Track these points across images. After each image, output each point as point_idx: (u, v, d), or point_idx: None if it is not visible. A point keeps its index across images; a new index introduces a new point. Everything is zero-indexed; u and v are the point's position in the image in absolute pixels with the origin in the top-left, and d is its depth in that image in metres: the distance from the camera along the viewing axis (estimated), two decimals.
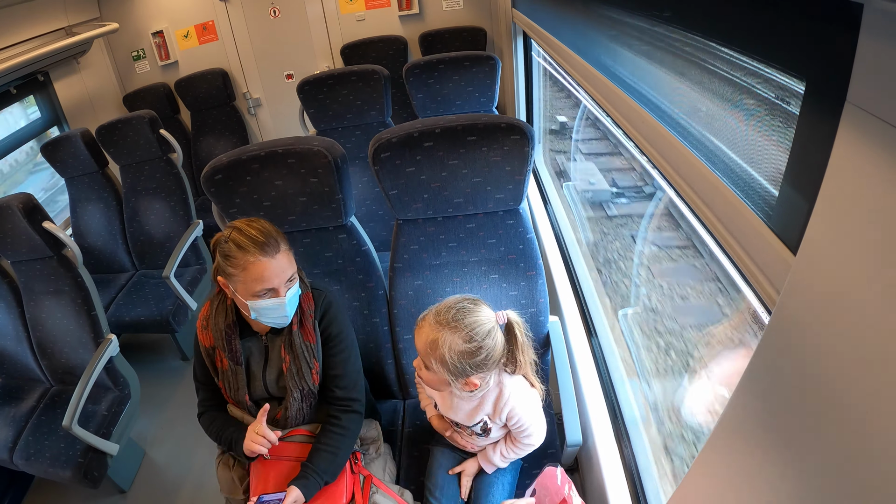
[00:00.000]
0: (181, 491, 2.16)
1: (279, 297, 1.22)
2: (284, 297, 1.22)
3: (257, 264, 1.18)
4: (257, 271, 1.18)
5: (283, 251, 1.22)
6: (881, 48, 0.43)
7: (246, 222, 1.23)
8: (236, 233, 1.20)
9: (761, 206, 0.68)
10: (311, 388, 1.33)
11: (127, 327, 2.66)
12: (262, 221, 1.25)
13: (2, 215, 1.98)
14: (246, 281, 1.19)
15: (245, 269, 1.18)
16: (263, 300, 1.22)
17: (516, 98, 3.22)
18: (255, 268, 1.18)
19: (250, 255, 1.18)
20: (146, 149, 2.81)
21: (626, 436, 1.45)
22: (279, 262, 1.20)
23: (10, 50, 2.63)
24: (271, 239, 1.20)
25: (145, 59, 3.80)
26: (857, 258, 0.46)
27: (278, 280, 1.21)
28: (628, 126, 1.13)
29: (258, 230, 1.20)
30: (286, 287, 1.23)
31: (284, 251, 1.22)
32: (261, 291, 1.20)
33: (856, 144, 0.47)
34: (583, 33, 1.55)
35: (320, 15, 3.66)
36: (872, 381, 0.44)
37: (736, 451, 0.66)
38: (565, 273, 2.08)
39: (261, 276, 1.19)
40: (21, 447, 2.02)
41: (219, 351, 1.32)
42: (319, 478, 1.27)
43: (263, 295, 1.21)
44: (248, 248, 1.18)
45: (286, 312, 1.25)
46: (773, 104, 0.68)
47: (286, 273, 1.22)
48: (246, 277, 1.19)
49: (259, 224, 1.23)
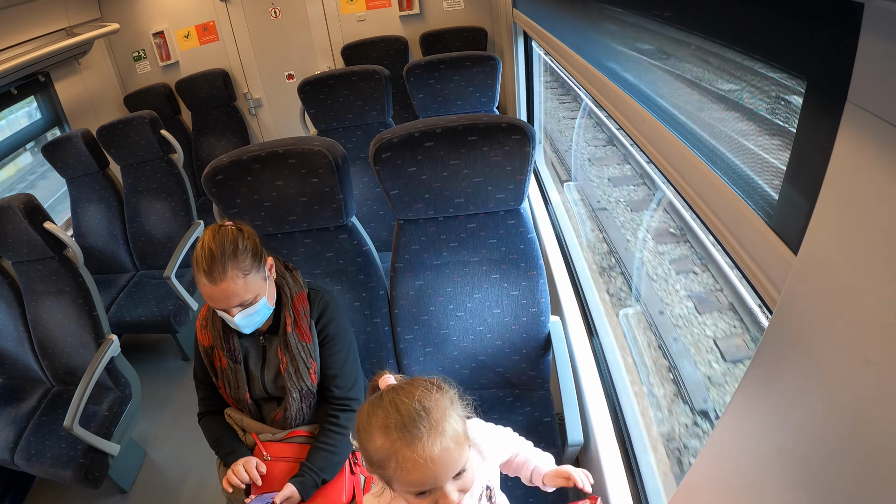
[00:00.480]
0: (182, 491, 2.16)
1: (229, 315, 1.21)
2: (234, 317, 1.20)
3: (204, 286, 1.17)
4: (204, 291, 1.18)
5: (229, 279, 1.15)
6: (881, 48, 0.43)
7: (213, 234, 1.18)
8: (199, 245, 1.17)
9: (762, 206, 0.68)
10: (309, 388, 1.33)
11: (128, 328, 2.66)
12: (229, 233, 1.19)
13: (3, 216, 1.98)
14: (201, 293, 1.20)
15: (198, 284, 1.18)
16: (219, 311, 1.22)
17: (517, 98, 3.22)
18: (203, 288, 1.17)
19: (198, 274, 1.16)
20: (147, 149, 2.81)
21: (627, 435, 1.45)
22: (222, 290, 1.16)
23: (10, 50, 2.63)
24: (218, 266, 1.14)
25: (146, 59, 3.80)
26: (858, 257, 0.46)
27: (224, 304, 1.18)
28: (629, 126, 1.13)
29: (210, 252, 1.15)
30: (237, 309, 1.20)
31: (233, 279, 1.16)
32: (211, 304, 1.21)
33: (856, 144, 0.47)
34: (583, 33, 1.55)
35: (321, 15, 3.66)
36: (873, 381, 0.44)
37: (737, 451, 0.66)
38: (566, 273, 2.08)
39: (207, 295, 1.18)
40: (22, 447, 2.02)
41: (217, 350, 1.32)
42: (317, 476, 1.27)
43: (214, 306, 1.22)
44: (198, 268, 1.16)
45: (239, 327, 1.24)
46: (774, 104, 0.68)
47: (234, 299, 1.18)
48: (200, 291, 1.19)
49: (220, 241, 1.16)
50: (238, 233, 1.20)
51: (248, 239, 1.21)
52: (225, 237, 1.17)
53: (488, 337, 1.62)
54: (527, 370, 1.64)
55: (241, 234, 1.21)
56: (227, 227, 1.20)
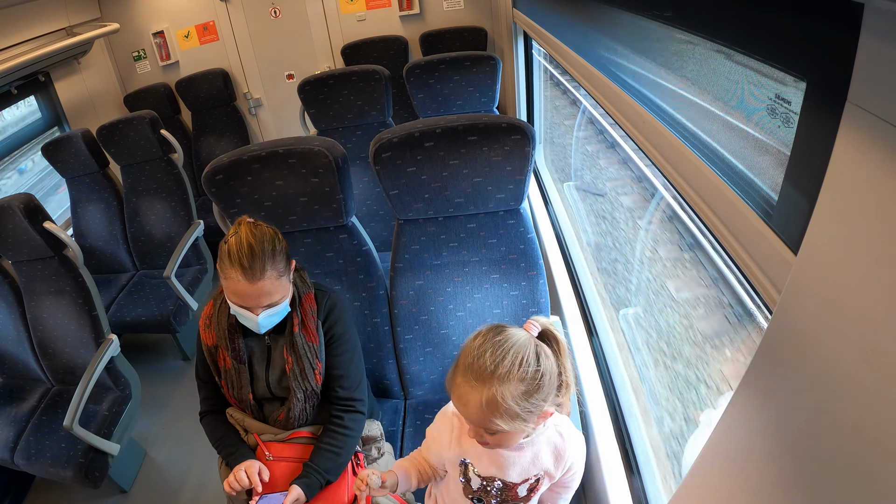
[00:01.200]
0: (182, 491, 2.16)
1: (252, 314, 1.21)
2: (257, 316, 1.21)
3: (237, 282, 1.16)
4: (235, 287, 1.17)
5: (267, 278, 1.16)
6: (881, 48, 0.43)
7: (250, 230, 1.18)
8: (234, 239, 1.17)
9: (762, 206, 0.68)
10: (314, 388, 1.33)
11: (128, 327, 2.66)
12: (267, 233, 1.20)
13: (3, 215, 1.98)
14: (227, 286, 1.20)
15: (227, 279, 1.18)
16: (239, 308, 1.22)
17: (517, 98, 3.22)
18: (234, 284, 1.17)
19: (233, 270, 1.16)
20: (147, 149, 2.81)
21: (626, 435, 1.45)
22: (258, 288, 1.16)
23: (10, 50, 2.63)
24: (258, 263, 1.15)
25: (146, 59, 3.80)
26: (858, 258, 0.46)
27: (254, 302, 1.19)
28: (629, 126, 1.13)
29: (250, 248, 1.15)
30: (263, 309, 1.21)
31: (270, 278, 1.17)
32: (237, 301, 1.21)
33: (856, 144, 0.47)
34: (583, 33, 1.55)
35: (321, 15, 3.66)
36: (874, 381, 0.44)
37: (737, 451, 0.66)
38: (566, 273, 2.08)
39: (238, 292, 1.18)
40: (22, 447, 2.02)
41: (221, 350, 1.32)
42: (321, 477, 1.27)
43: (239, 304, 1.22)
44: (234, 264, 1.15)
45: (258, 327, 1.25)
46: (774, 104, 0.68)
47: (265, 299, 1.19)
48: (226, 284, 1.19)
49: (258, 238, 1.17)
50: (273, 233, 1.22)
51: (282, 241, 1.23)
52: (264, 235, 1.18)
53: None
54: None
55: (276, 234, 1.22)
56: (263, 226, 1.21)
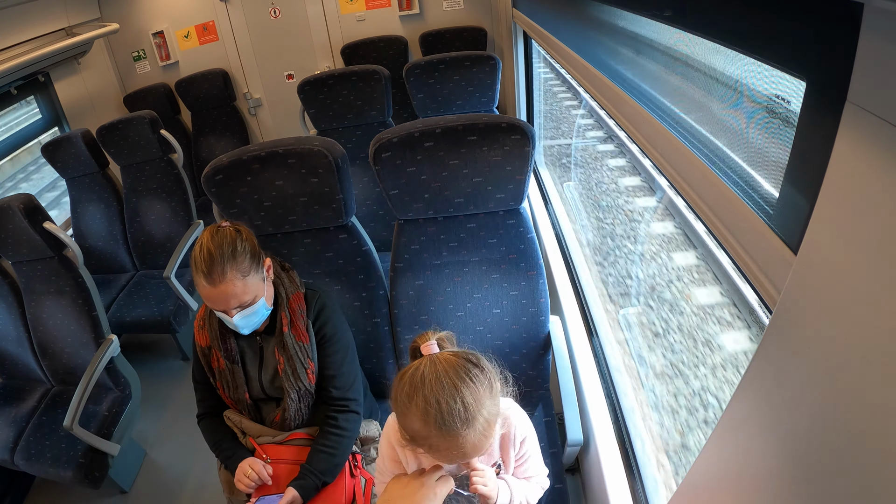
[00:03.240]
0: (182, 491, 2.16)
1: (227, 317, 1.22)
2: (233, 318, 1.21)
3: (203, 288, 1.17)
4: (203, 293, 1.18)
5: (229, 281, 1.16)
6: (881, 48, 0.43)
7: (211, 236, 1.18)
8: (198, 246, 1.17)
9: (762, 206, 0.68)
10: (307, 388, 1.33)
11: (128, 327, 2.66)
12: (228, 234, 1.19)
13: (3, 216, 1.98)
14: (199, 294, 1.20)
15: (196, 286, 1.19)
16: (217, 311, 1.23)
17: (517, 98, 3.22)
18: (201, 290, 1.18)
19: (197, 275, 1.16)
20: (147, 149, 2.81)
21: (626, 435, 1.45)
22: (221, 291, 1.16)
23: (10, 50, 2.63)
24: (217, 267, 1.14)
25: (146, 59, 3.80)
26: (857, 257, 0.46)
27: (223, 305, 1.19)
28: (629, 126, 1.13)
29: (209, 253, 1.15)
30: (236, 311, 1.21)
31: (233, 280, 1.16)
32: (210, 305, 1.22)
33: (856, 144, 0.47)
34: (583, 33, 1.55)
35: (321, 15, 3.66)
36: (874, 381, 0.44)
37: (737, 451, 0.66)
38: (566, 273, 2.08)
39: (206, 297, 1.19)
40: (22, 447, 2.02)
41: (215, 351, 1.32)
42: (317, 478, 1.27)
43: (212, 308, 1.22)
44: (197, 269, 1.16)
45: (238, 328, 1.25)
46: (774, 103, 0.68)
47: (233, 301, 1.18)
48: (198, 292, 1.20)
49: (218, 242, 1.16)
50: (236, 234, 1.20)
51: (247, 240, 1.21)
52: (224, 238, 1.17)
53: (488, 337, 1.61)
54: (527, 370, 1.64)
55: (240, 235, 1.20)
56: (225, 229, 1.20)
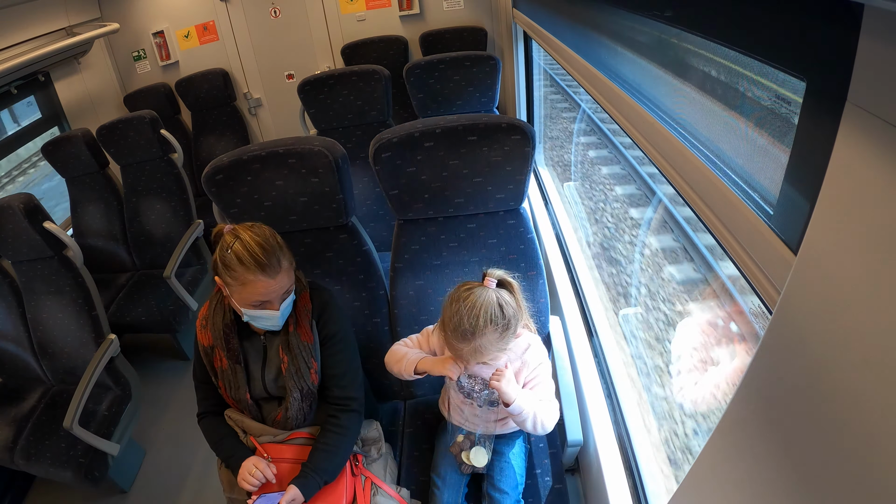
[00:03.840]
0: (182, 491, 2.16)
1: (274, 310, 1.22)
2: (279, 309, 1.22)
3: (258, 283, 1.16)
4: (257, 289, 1.18)
5: (284, 269, 1.19)
6: (881, 48, 0.43)
7: (250, 233, 1.18)
8: (240, 245, 1.16)
9: (762, 206, 0.68)
10: (310, 387, 1.33)
11: (128, 327, 2.66)
12: (265, 231, 1.21)
13: (3, 215, 1.98)
14: (243, 293, 1.19)
15: (244, 285, 1.17)
16: (258, 310, 1.22)
17: (517, 98, 3.22)
18: (255, 286, 1.17)
19: (251, 273, 1.15)
20: (147, 149, 2.81)
21: (626, 435, 1.45)
22: (279, 281, 1.18)
23: (10, 50, 2.63)
24: (274, 258, 1.17)
25: (146, 59, 3.80)
26: (858, 258, 0.46)
27: (276, 296, 1.21)
28: (629, 126, 1.13)
29: (261, 247, 1.16)
30: (282, 300, 1.23)
31: (286, 268, 1.20)
32: (256, 303, 1.21)
33: (856, 144, 0.47)
34: (583, 33, 1.55)
35: (321, 15, 3.66)
36: (874, 381, 0.44)
37: (737, 451, 0.66)
38: (566, 273, 2.08)
39: (260, 293, 1.18)
40: (22, 447, 2.02)
41: (218, 350, 1.32)
42: (319, 477, 1.27)
43: (259, 305, 1.22)
44: (250, 267, 1.15)
45: (278, 322, 1.26)
46: (774, 104, 0.68)
47: (284, 289, 1.21)
48: (244, 290, 1.18)
49: (262, 237, 1.18)
50: (267, 228, 1.24)
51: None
52: (264, 232, 1.20)
53: None
54: None
55: (271, 229, 1.25)
56: (257, 225, 1.23)
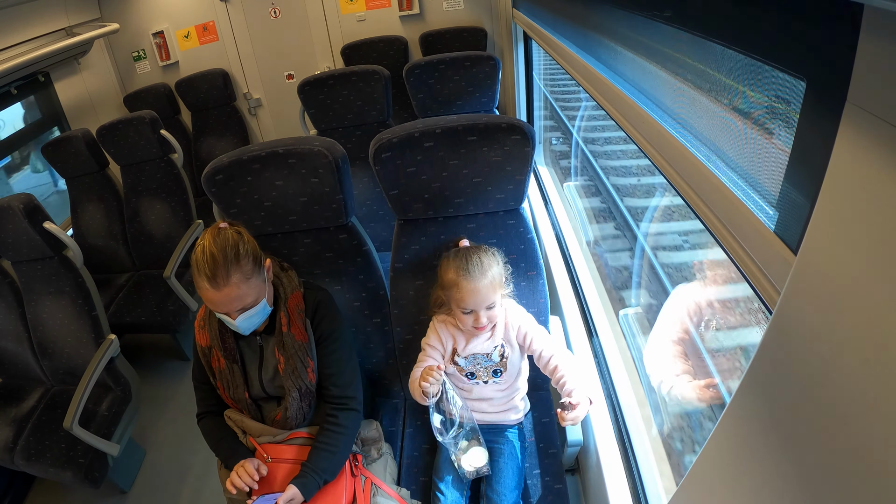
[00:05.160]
0: (182, 491, 2.16)
1: (230, 319, 1.22)
2: (235, 320, 1.22)
3: (206, 292, 1.17)
4: (205, 296, 1.18)
5: (233, 284, 1.16)
6: (881, 48, 0.43)
7: (213, 239, 1.17)
8: (199, 249, 1.17)
9: (762, 206, 0.68)
10: (308, 386, 1.33)
11: (128, 328, 2.66)
12: (230, 237, 1.19)
13: (3, 216, 1.98)
14: (200, 296, 1.20)
15: (197, 289, 1.18)
16: (220, 314, 1.23)
17: (517, 98, 3.22)
18: (204, 293, 1.18)
19: (201, 280, 1.16)
20: (147, 149, 2.81)
21: (626, 436, 1.45)
22: (225, 294, 1.16)
23: (10, 50, 2.63)
24: (221, 271, 1.14)
25: (146, 59, 3.80)
26: (858, 258, 0.46)
27: (226, 308, 1.19)
28: (629, 126, 1.13)
29: (213, 257, 1.14)
30: (238, 313, 1.21)
31: (236, 283, 1.16)
32: (212, 308, 1.22)
33: (856, 144, 0.47)
34: (583, 33, 1.55)
35: (321, 15, 3.66)
36: (874, 381, 0.44)
37: (737, 451, 0.66)
38: (566, 273, 2.08)
39: (209, 300, 1.19)
40: (22, 447, 2.02)
41: (215, 350, 1.33)
42: (318, 476, 1.27)
43: (215, 310, 1.23)
44: (200, 274, 1.15)
45: (240, 329, 1.25)
46: (774, 104, 0.68)
47: (236, 303, 1.19)
48: (199, 294, 1.19)
49: (220, 246, 1.16)
50: (238, 237, 1.20)
51: (248, 242, 1.22)
52: (226, 242, 1.17)
53: None
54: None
55: (241, 237, 1.21)
56: (226, 231, 1.20)
